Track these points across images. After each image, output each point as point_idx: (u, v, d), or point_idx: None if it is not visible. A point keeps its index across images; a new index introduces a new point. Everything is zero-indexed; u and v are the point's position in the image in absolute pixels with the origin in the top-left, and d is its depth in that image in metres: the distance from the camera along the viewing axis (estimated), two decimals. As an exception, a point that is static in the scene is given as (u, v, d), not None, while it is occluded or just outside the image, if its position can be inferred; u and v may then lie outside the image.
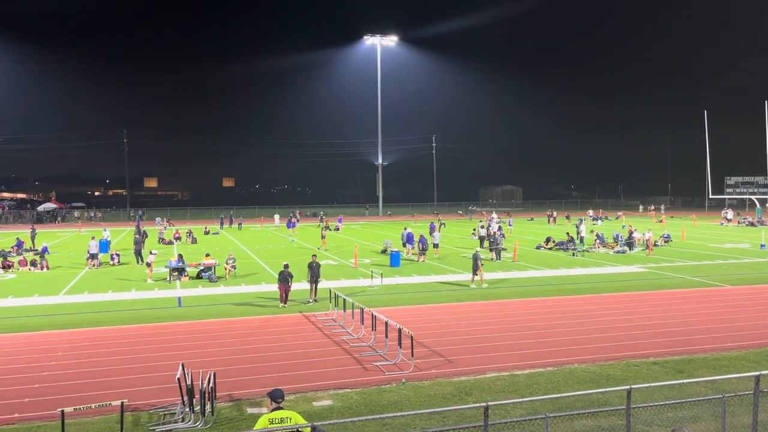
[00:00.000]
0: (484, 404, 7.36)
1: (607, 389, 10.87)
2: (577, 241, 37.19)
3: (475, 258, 23.87)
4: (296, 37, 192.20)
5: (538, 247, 37.72)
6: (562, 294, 22.09)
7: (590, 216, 66.29)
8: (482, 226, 40.58)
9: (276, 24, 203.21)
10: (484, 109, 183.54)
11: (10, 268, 29.69)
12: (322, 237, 39.97)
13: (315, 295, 20.98)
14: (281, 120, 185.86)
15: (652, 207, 79.49)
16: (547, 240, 38.57)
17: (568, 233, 38.76)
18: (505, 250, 34.76)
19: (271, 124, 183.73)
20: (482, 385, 12.14)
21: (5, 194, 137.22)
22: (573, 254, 34.29)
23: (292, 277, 20.48)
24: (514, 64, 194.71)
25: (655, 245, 36.44)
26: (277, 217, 61.93)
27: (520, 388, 11.96)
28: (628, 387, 7.95)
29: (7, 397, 11.60)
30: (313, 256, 22.09)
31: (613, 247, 36.48)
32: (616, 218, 65.91)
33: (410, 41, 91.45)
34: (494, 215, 58.01)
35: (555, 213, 66.89)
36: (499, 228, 40.70)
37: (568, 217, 62.82)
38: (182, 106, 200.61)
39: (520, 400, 10.10)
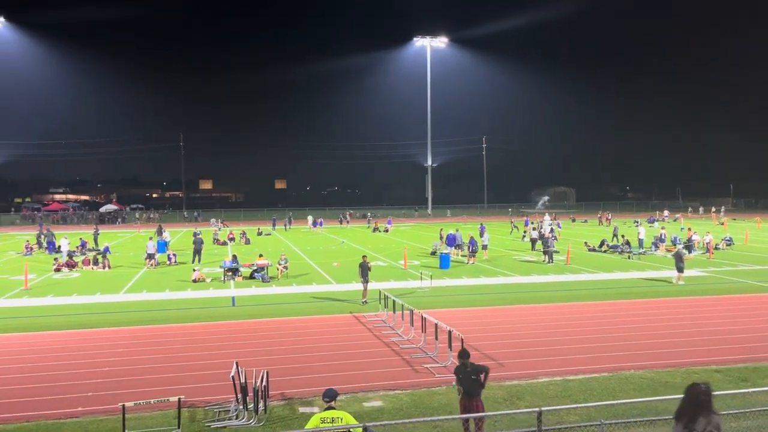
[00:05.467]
0: (537, 409, 7.24)
1: (666, 397, 10.49)
2: (635, 244, 36.17)
3: (679, 256, 24.62)
4: (347, 40, 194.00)
5: (591, 250, 36.89)
6: (616, 298, 21.52)
7: (665, 216, 64.72)
8: (534, 228, 39.97)
9: (327, 27, 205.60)
10: (536, 109, 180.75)
11: (74, 267, 31.01)
12: (514, 228, 41.30)
13: (365, 296, 21.12)
14: (332, 122, 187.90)
15: (713, 209, 76.55)
16: (602, 243, 37.69)
17: (623, 235, 37.76)
18: (558, 252, 34.12)
19: (322, 127, 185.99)
20: (534, 390, 11.95)
21: (70, 196, 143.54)
22: (629, 257, 33.37)
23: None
24: (568, 64, 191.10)
25: (716, 248, 35.10)
26: (310, 218, 66.08)
27: (573, 393, 11.72)
28: (688, 395, 7.66)
29: (71, 391, 12.11)
30: (363, 256, 22.22)
31: (671, 250, 35.32)
32: (674, 220, 63.78)
33: (460, 42, 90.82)
34: (546, 217, 57.05)
35: (609, 215, 65.33)
36: (551, 230, 40.01)
37: (608, 220, 61.77)
38: (236, 109, 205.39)
39: (575, 406, 9.90)
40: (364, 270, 21.15)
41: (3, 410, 11.09)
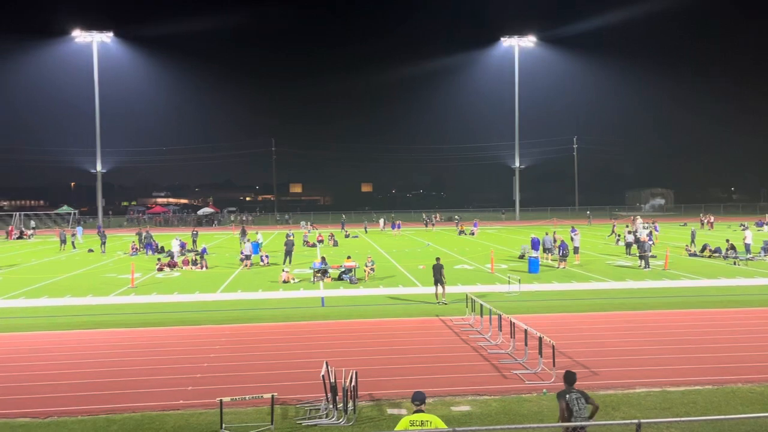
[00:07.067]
0: (636, 421, 6.93)
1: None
2: (741, 249, 33.83)
3: None
4: (432, 43, 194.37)
5: (692, 255, 34.89)
6: (720, 306, 20.22)
7: None
8: (629, 232, 38.29)
9: (412, 32, 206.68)
10: (630, 107, 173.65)
11: (175, 267, 32.78)
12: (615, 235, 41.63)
13: (443, 297, 21.45)
14: (418, 125, 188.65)
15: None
16: (704, 247, 35.55)
17: (728, 240, 35.47)
18: (655, 257, 32.50)
19: (408, 130, 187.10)
20: (631, 401, 11.43)
21: (171, 200, 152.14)
22: (734, 263, 31.29)
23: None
24: (664, 60, 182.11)
25: (835, 254, 32.24)
26: (381, 221, 68.03)
27: (674, 405, 11.10)
28: (805, 413, 7.10)
29: (173, 385, 12.78)
30: (437, 258, 22.70)
31: (782, 256, 32.79)
32: (786, 223, 59.17)
33: (549, 41, 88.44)
34: (639, 220, 54.55)
35: (712, 218, 61.59)
36: (649, 234, 38.13)
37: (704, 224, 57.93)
38: (324, 115, 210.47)
39: (676, 419, 9.39)
40: (436, 271, 21.54)
41: (113, 400, 11.88)
